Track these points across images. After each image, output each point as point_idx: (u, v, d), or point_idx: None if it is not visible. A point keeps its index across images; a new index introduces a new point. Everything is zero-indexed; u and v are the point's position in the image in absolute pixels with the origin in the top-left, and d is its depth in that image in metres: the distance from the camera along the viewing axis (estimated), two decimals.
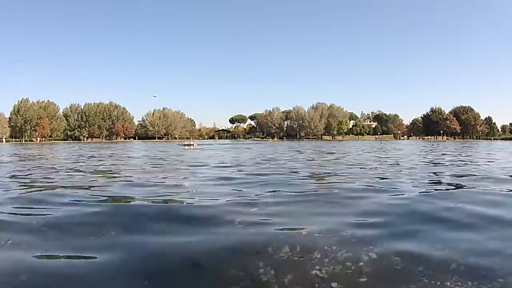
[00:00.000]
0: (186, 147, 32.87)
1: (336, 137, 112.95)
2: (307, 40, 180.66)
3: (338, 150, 24.04)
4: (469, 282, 2.01)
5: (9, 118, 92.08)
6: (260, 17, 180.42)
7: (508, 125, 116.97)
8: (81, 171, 8.98)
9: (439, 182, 6.31)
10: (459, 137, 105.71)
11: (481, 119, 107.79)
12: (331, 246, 2.52)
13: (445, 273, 2.12)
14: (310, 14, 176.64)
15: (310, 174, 7.95)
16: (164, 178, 7.31)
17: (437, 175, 7.68)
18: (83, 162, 12.76)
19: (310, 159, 14.06)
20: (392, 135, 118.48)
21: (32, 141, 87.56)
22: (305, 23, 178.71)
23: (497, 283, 2.01)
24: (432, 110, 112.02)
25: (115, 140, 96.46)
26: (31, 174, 8.21)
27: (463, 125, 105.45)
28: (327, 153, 18.95)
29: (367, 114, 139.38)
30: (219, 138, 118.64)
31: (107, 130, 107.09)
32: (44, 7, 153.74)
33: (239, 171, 8.65)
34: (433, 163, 11.29)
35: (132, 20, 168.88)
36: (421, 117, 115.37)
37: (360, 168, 9.51)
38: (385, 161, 12.28)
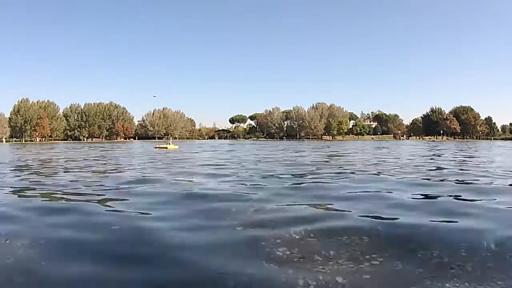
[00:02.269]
0: (158, 150, 27.49)
1: (336, 137, 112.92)
2: (307, 40, 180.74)
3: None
4: None
5: (9, 118, 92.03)
6: (260, 17, 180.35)
7: (508, 125, 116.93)
8: None
9: None
10: (459, 137, 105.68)
11: (481, 119, 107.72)
12: None
13: None
14: (310, 14, 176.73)
15: None
16: None
17: None
18: None
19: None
20: (392, 135, 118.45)
21: (32, 141, 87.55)
22: (305, 23, 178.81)
23: None
24: (432, 110, 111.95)
25: (115, 140, 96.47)
26: None
27: (463, 125, 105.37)
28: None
29: (367, 114, 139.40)
30: (219, 138, 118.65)
31: (107, 130, 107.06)
32: (44, 7, 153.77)
33: None
34: None
35: (132, 20, 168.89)
36: (421, 117, 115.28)
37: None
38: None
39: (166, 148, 29.73)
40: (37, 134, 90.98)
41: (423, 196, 5.29)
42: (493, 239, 2.91)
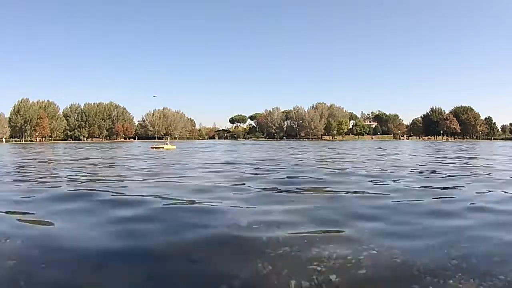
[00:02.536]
0: (153, 149, 26.76)
1: (336, 137, 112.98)
2: (307, 40, 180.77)
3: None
4: None
5: (9, 118, 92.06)
6: (260, 17, 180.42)
7: (508, 125, 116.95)
8: None
9: None
10: (459, 137, 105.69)
11: (481, 119, 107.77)
12: None
13: None
14: (310, 14, 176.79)
15: None
16: None
17: None
18: None
19: None
20: (392, 135, 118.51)
21: (32, 141, 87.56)
22: (305, 23, 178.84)
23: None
24: (432, 110, 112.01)
25: (115, 140, 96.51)
26: None
27: (463, 125, 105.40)
28: None
29: (367, 114, 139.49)
30: (219, 138, 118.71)
31: (107, 130, 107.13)
32: (44, 7, 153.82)
33: None
34: None
35: (132, 20, 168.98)
36: (421, 117, 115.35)
37: None
38: None
39: (163, 148, 28.20)
40: (37, 134, 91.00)
41: None
42: None
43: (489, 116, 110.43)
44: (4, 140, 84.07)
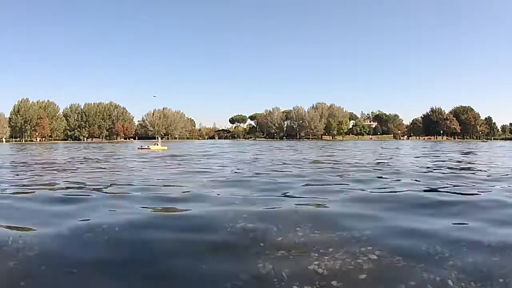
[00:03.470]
0: (141, 150, 25.10)
1: (336, 137, 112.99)
2: (307, 40, 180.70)
3: None
4: None
5: (9, 118, 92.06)
6: (260, 17, 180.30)
7: (508, 125, 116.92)
8: None
9: None
10: (459, 137, 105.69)
11: (481, 119, 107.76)
12: None
13: None
14: (310, 14, 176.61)
15: None
16: None
17: None
18: None
19: None
20: (392, 135, 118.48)
21: (32, 141, 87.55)
22: (305, 23, 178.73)
23: None
24: (432, 110, 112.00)
25: (115, 140, 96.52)
26: None
27: (463, 125, 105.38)
28: None
29: (367, 114, 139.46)
30: (219, 138, 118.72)
31: (107, 130, 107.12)
32: (44, 7, 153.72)
33: None
34: None
35: (132, 20, 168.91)
36: (421, 117, 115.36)
37: None
38: None
39: (149, 149, 25.67)
40: (37, 134, 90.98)
41: None
42: None
43: (489, 116, 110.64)
44: (4, 140, 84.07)
